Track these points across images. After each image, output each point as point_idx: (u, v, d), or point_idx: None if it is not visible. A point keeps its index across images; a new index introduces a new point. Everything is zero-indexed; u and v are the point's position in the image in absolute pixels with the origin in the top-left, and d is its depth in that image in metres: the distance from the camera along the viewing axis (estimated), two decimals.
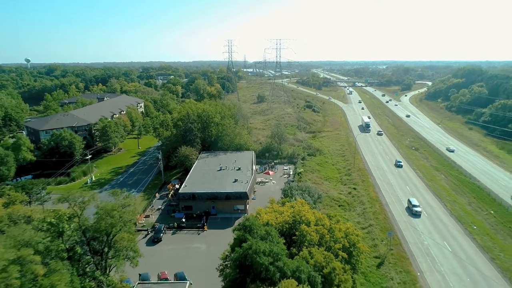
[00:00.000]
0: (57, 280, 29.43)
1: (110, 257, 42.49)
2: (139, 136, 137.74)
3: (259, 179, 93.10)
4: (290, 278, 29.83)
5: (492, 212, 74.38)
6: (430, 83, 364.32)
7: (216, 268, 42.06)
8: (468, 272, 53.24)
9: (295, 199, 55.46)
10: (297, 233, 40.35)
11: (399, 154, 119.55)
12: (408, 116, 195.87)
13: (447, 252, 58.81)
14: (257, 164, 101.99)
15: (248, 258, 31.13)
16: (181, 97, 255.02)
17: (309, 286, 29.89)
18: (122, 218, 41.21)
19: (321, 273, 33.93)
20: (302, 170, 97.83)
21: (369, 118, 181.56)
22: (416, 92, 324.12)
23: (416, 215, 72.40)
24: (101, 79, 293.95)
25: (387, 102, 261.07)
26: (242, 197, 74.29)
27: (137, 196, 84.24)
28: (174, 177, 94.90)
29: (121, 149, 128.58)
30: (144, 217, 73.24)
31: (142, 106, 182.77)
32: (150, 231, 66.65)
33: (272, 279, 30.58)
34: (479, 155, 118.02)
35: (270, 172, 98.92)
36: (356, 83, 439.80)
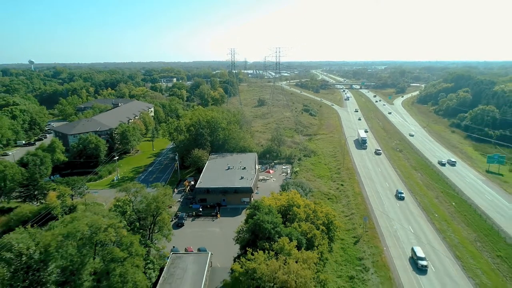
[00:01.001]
0: (134, 239, 45.19)
1: (155, 232, 58.33)
2: (152, 139, 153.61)
3: (261, 177, 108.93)
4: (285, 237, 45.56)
5: (454, 203, 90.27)
6: (424, 86, 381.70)
7: (233, 239, 57.93)
8: (423, 248, 68.94)
9: (290, 191, 71.29)
10: (290, 213, 56.20)
11: (391, 167, 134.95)
12: (390, 113, 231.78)
13: (409, 233, 74.72)
14: (259, 164, 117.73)
15: (257, 225, 46.99)
16: (185, 101, 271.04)
17: (297, 242, 45.69)
18: (164, 203, 57.07)
19: (306, 237, 49.78)
20: (298, 169, 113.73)
21: (366, 132, 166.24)
22: (409, 95, 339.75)
23: (422, 270, 60.61)
24: (110, 84, 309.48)
25: (376, 102, 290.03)
26: (247, 191, 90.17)
27: None
28: (189, 175, 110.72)
29: (138, 150, 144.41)
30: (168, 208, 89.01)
31: (152, 111, 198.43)
32: (174, 218, 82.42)
33: (273, 239, 46.30)
34: (457, 158, 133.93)
35: (271, 171, 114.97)
36: (353, 85, 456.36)
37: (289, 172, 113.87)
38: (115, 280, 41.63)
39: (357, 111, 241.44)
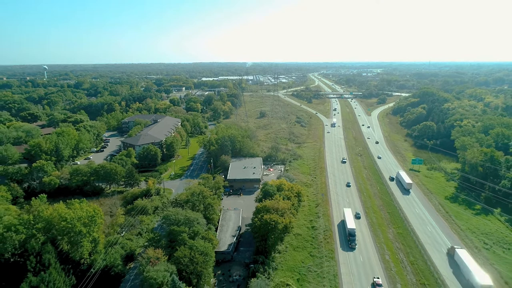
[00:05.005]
0: (214, 196, 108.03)
1: (216, 198, 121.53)
2: (187, 147, 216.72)
3: (265, 173, 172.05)
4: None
5: (378, 188, 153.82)
6: (406, 95, 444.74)
7: (254, 200, 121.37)
8: (352, 209, 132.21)
9: (281, 179, 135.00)
10: (280, 187, 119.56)
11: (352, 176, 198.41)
12: (355, 108, 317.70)
13: (346, 203, 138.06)
14: (263, 164, 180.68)
15: (267, 190, 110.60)
16: (200, 112, 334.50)
17: (282, 198, 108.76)
18: (220, 183, 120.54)
19: (287, 197, 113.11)
20: (288, 168, 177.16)
21: (358, 217, 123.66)
22: (387, 106, 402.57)
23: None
24: (137, 98, 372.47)
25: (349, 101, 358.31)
26: (257, 181, 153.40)
27: None
28: (219, 172, 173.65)
29: (179, 155, 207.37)
30: None
31: (180, 124, 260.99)
32: None
33: (273, 196, 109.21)
34: (395, 160, 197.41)
35: (271, 169, 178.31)
36: (343, 95, 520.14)
37: (282, 170, 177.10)
38: (210, 213, 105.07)
39: (343, 150, 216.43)
